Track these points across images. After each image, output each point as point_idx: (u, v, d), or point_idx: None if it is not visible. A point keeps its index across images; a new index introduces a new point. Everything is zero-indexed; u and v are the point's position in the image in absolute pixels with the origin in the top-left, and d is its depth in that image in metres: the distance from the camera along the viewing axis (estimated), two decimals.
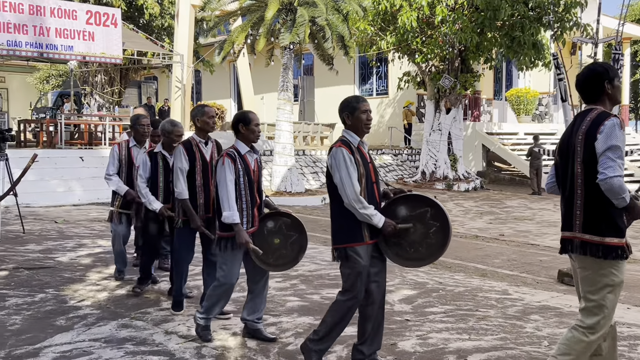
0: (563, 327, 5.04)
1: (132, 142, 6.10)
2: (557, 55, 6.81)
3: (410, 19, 15.41)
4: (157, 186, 5.47)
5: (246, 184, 4.28)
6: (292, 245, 4.36)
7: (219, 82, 28.31)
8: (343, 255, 3.77)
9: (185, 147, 4.90)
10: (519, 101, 22.36)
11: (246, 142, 4.37)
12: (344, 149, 3.75)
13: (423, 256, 3.87)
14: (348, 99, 3.93)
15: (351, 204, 3.66)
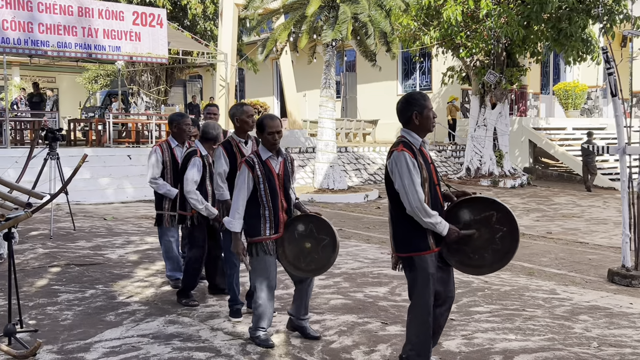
0: (613, 328, 4.91)
1: (174, 142, 5.92)
2: (606, 49, 6.62)
3: (454, 13, 15.19)
4: (206, 190, 5.34)
5: (267, 190, 4.19)
6: (323, 249, 4.21)
7: (262, 80, 28.52)
8: (408, 264, 3.64)
9: (225, 149, 4.85)
10: (567, 95, 21.82)
11: (267, 147, 4.29)
12: (407, 153, 3.55)
13: (488, 263, 3.70)
14: (414, 95, 3.71)
15: (414, 212, 3.49)
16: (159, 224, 5.94)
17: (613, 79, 6.54)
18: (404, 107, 3.68)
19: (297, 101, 22.34)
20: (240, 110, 4.93)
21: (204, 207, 5.17)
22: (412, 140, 3.65)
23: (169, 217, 5.83)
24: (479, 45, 15.82)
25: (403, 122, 3.71)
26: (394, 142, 3.70)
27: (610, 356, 4.29)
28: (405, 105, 3.68)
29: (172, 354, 4.25)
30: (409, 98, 3.71)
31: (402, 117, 3.70)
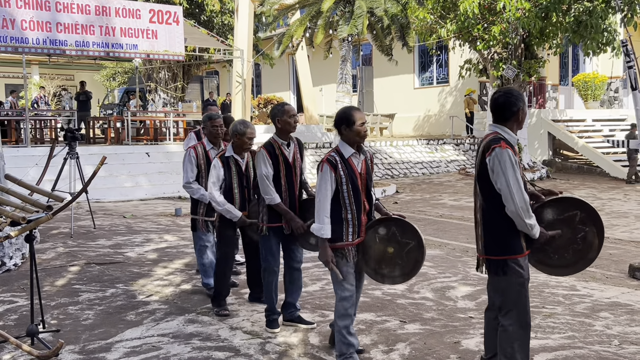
0: (634, 325, 4.86)
1: (209, 145, 5.66)
2: (626, 42, 6.52)
3: (471, 5, 15.06)
4: (232, 193, 5.10)
5: (350, 192, 3.84)
6: (408, 254, 3.90)
7: (278, 75, 28.54)
8: (501, 267, 3.44)
9: (267, 151, 4.59)
10: (586, 86, 21.55)
11: (350, 144, 3.90)
12: (510, 150, 3.35)
13: (568, 263, 3.62)
14: (516, 91, 3.52)
15: (518, 212, 3.31)
16: (194, 229, 5.76)
17: (633, 72, 6.44)
18: (510, 101, 3.45)
19: (314, 96, 22.31)
20: (281, 110, 4.64)
21: (224, 208, 5.00)
22: (509, 138, 3.44)
23: (204, 223, 5.64)
24: (497, 38, 15.67)
25: (503, 118, 3.48)
26: (489, 138, 3.45)
27: (632, 354, 4.24)
28: (511, 99, 3.45)
29: (192, 354, 4.29)
30: (513, 92, 3.49)
31: (505, 112, 3.46)
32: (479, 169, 3.47)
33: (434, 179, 16.96)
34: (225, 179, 5.06)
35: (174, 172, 14.13)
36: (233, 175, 5.09)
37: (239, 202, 5.10)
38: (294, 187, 4.66)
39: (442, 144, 20.14)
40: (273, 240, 4.70)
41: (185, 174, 5.60)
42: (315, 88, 23.42)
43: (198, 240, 5.74)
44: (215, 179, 5.02)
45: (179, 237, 8.78)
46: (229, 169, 5.07)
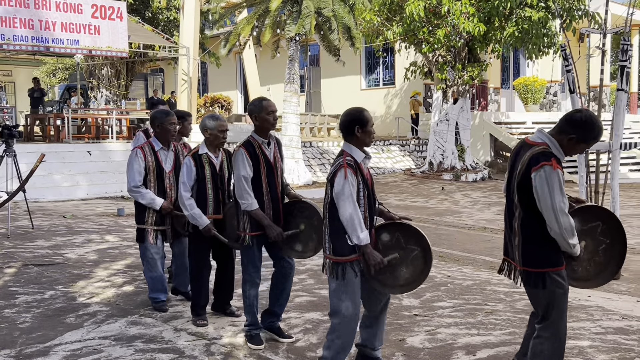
0: (572, 320, 5.02)
1: (158, 144, 5.11)
2: (565, 46, 6.75)
3: (417, 8, 15.31)
4: (206, 194, 4.66)
5: (366, 198, 3.58)
6: (413, 261, 3.65)
7: (225, 74, 28.28)
8: (540, 279, 3.32)
9: (247, 151, 4.20)
10: (526, 90, 22.23)
11: (360, 147, 3.63)
12: (560, 171, 3.20)
13: (590, 276, 3.54)
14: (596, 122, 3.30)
15: (563, 234, 3.20)
16: (141, 240, 5.15)
17: (571, 75, 6.67)
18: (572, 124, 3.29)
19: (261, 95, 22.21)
20: (259, 106, 4.26)
21: (191, 213, 4.58)
22: (559, 155, 3.30)
23: (154, 233, 5.09)
24: (441, 41, 15.98)
25: (559, 130, 3.33)
26: (538, 150, 3.27)
27: (570, 349, 4.38)
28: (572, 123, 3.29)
29: (135, 356, 4.18)
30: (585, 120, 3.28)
31: (561, 125, 3.33)
32: (522, 180, 3.30)
33: (380, 179, 17.13)
34: (198, 179, 4.63)
35: (117, 171, 13.82)
36: (207, 175, 4.65)
37: (213, 205, 4.68)
38: (276, 189, 4.31)
39: (389, 145, 20.39)
40: (256, 250, 4.34)
41: (131, 177, 5.01)
42: (263, 87, 23.33)
43: (145, 252, 5.14)
44: (186, 178, 4.60)
45: (121, 238, 8.58)
46: (202, 168, 4.63)
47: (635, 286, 6.25)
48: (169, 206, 5.04)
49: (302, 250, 4.38)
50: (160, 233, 5.13)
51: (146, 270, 5.24)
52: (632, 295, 5.91)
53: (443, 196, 14.02)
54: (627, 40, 6.30)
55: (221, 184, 4.72)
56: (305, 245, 4.35)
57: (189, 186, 4.61)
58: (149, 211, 5.07)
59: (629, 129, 21.25)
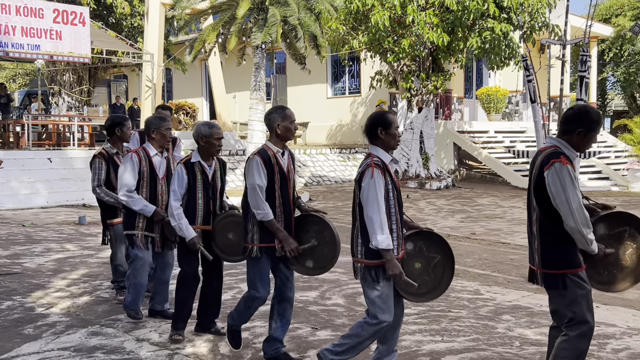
0: (534, 326, 5.10)
1: (152, 150, 4.98)
2: (526, 57, 6.89)
3: (382, 18, 15.44)
4: (196, 205, 4.52)
5: (396, 199, 3.55)
6: (435, 269, 3.67)
7: (190, 80, 28.05)
8: (560, 281, 3.36)
9: (263, 159, 4.03)
10: (489, 99, 22.60)
11: (386, 149, 3.62)
12: (570, 167, 3.29)
13: (615, 280, 3.57)
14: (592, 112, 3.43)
15: (578, 228, 3.25)
16: (132, 246, 5.00)
17: (532, 85, 6.81)
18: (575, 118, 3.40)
19: (227, 103, 22.11)
20: (283, 114, 4.10)
21: (178, 224, 4.43)
22: (569, 153, 3.39)
23: (143, 238, 4.96)
24: (406, 51, 16.15)
25: (566, 131, 3.43)
26: (547, 152, 3.39)
27: (532, 355, 4.45)
28: (576, 117, 3.41)
29: None
30: (590, 111, 3.43)
31: (567, 126, 3.42)
32: (537, 182, 3.39)
33: (346, 187, 17.19)
34: (189, 188, 4.48)
35: (78, 178, 13.56)
36: (198, 185, 4.50)
37: (203, 215, 4.53)
38: (289, 201, 4.12)
39: (354, 153, 20.48)
40: (265, 263, 4.11)
41: (126, 182, 4.87)
42: (229, 95, 23.19)
43: (135, 258, 4.98)
44: (177, 187, 4.45)
45: (82, 247, 8.41)
46: (194, 177, 4.48)
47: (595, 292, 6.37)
48: (161, 213, 4.91)
49: (312, 267, 4.18)
50: (150, 240, 4.99)
51: (131, 276, 5.04)
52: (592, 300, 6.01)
53: (408, 204, 14.13)
54: (585, 52, 6.46)
55: (212, 194, 4.57)
56: (316, 262, 4.16)
57: (180, 195, 4.47)
58: (140, 217, 4.93)
59: None
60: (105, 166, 5.40)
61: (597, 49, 27.62)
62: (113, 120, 5.55)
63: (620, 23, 28.77)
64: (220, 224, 4.56)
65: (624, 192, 17.08)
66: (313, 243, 4.12)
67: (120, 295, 5.63)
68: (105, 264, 7.20)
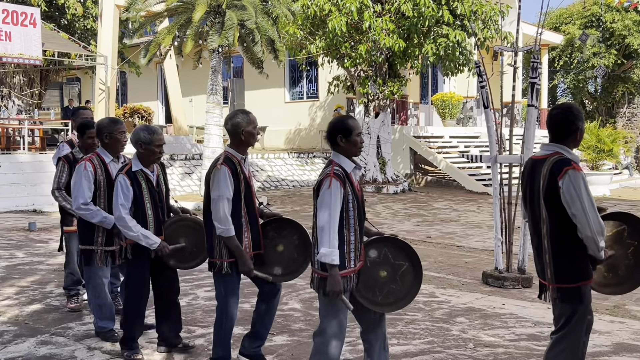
0: (487, 328, 5.19)
1: (108, 156, 4.67)
2: (479, 63, 7.02)
3: (339, 23, 15.53)
4: (145, 214, 4.24)
5: (356, 210, 3.42)
6: (402, 277, 3.55)
7: (145, 83, 27.64)
8: (575, 294, 3.27)
9: (230, 169, 3.84)
10: (444, 105, 22.96)
11: (348, 157, 3.49)
12: (582, 173, 3.21)
13: (622, 280, 3.53)
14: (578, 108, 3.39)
15: (594, 237, 3.17)
16: (88, 263, 4.69)
17: (485, 92, 6.94)
18: (569, 119, 3.33)
19: (183, 106, 21.86)
20: (247, 119, 3.93)
21: (139, 234, 4.15)
22: (574, 158, 3.28)
23: (103, 254, 4.67)
24: (363, 56, 16.27)
25: (560, 136, 3.35)
26: (554, 159, 3.28)
27: (485, 356, 4.52)
28: (570, 117, 3.33)
29: None
30: (573, 109, 3.37)
31: (563, 130, 3.34)
32: (547, 193, 3.27)
33: (304, 191, 17.19)
34: (136, 199, 4.20)
35: (28, 183, 13.19)
36: (144, 194, 4.22)
37: (154, 225, 4.28)
38: (254, 209, 3.98)
39: (312, 158, 20.51)
40: (235, 278, 3.94)
41: (81, 193, 4.52)
42: (185, 98, 22.95)
43: (93, 276, 4.68)
44: (123, 200, 4.15)
45: (32, 254, 8.16)
46: (138, 185, 4.21)
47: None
48: None
49: (283, 274, 4.06)
50: (110, 255, 4.69)
51: (92, 297, 4.72)
52: (543, 302, 6.14)
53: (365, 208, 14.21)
54: (536, 59, 6.62)
55: (160, 202, 4.34)
56: (285, 267, 4.05)
57: (128, 208, 4.16)
58: (98, 230, 4.63)
59: (539, 143, 22.35)
60: (68, 170, 5.17)
61: (548, 56, 28.39)
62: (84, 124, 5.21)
63: (570, 31, 29.64)
64: (169, 230, 4.36)
65: None
66: (277, 272, 4.03)
67: (70, 303, 5.49)
68: (56, 271, 7.02)
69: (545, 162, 3.31)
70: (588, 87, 33.09)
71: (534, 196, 3.39)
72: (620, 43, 28.72)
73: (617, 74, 30.09)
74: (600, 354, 4.57)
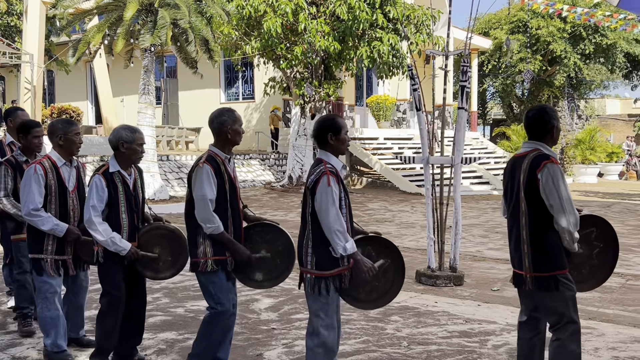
0: (420, 326, 5.29)
1: (60, 160, 4.36)
2: (411, 67, 7.16)
3: (274, 25, 15.51)
4: (119, 219, 4.02)
5: (347, 208, 3.49)
6: (385, 274, 3.59)
7: (74, 83, 26.75)
8: (553, 283, 3.43)
9: (213, 168, 3.74)
10: (378, 107, 23.29)
11: (336, 155, 3.53)
12: (559, 166, 3.39)
13: (584, 279, 3.68)
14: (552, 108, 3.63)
15: (569, 228, 3.36)
16: (39, 272, 4.32)
17: (418, 94, 7.08)
18: (544, 118, 3.53)
19: (114, 107, 21.30)
20: (232, 118, 3.85)
21: (109, 239, 3.92)
22: (553, 154, 3.48)
23: (54, 263, 4.32)
24: (298, 58, 16.31)
25: (538, 135, 3.55)
26: (533, 155, 3.48)
27: (419, 354, 4.61)
28: (545, 116, 3.53)
29: None
30: (547, 109, 3.57)
31: (540, 129, 3.55)
32: (527, 186, 3.45)
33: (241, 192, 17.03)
34: (110, 201, 3.98)
35: None
36: (120, 197, 4.01)
37: (128, 231, 4.04)
38: (238, 211, 3.88)
39: (249, 159, 20.37)
40: (222, 276, 3.78)
41: (31, 199, 4.18)
42: (116, 98, 22.37)
43: (43, 287, 4.32)
44: (96, 202, 3.92)
45: None
46: (115, 189, 3.99)
47: (477, 291, 6.72)
48: (75, 232, 4.30)
49: (262, 280, 3.96)
50: (61, 264, 4.35)
51: (42, 310, 4.32)
52: (474, 299, 6.34)
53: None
54: (466, 62, 6.81)
55: (135, 207, 4.11)
56: (267, 274, 3.95)
57: (100, 211, 3.94)
58: (49, 238, 4.28)
59: (470, 145, 23.00)
60: (12, 174, 4.78)
61: (478, 60, 29.26)
62: (28, 123, 4.90)
63: (498, 36, 30.66)
64: (143, 238, 4.11)
65: None
66: (265, 254, 3.92)
67: (24, 326, 4.95)
68: None
69: (525, 157, 3.51)
70: (515, 91, 34.32)
71: (514, 190, 3.56)
72: (545, 49, 29.94)
73: (542, 78, 31.35)
74: None
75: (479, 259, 8.56)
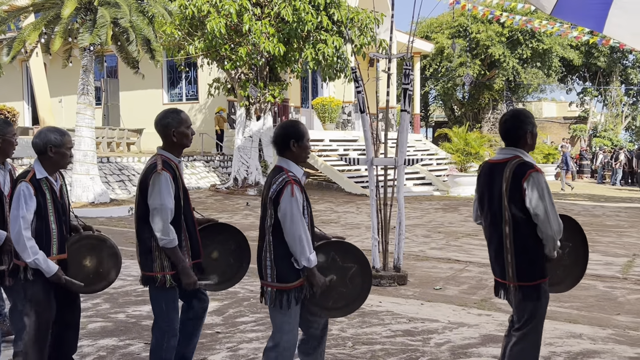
0: (365, 326, 5.34)
1: None
2: (355, 69, 7.22)
3: (218, 25, 15.37)
4: (49, 230, 3.61)
5: (309, 216, 3.37)
6: (352, 280, 3.51)
7: (9, 82, 25.77)
8: (535, 292, 3.41)
9: (171, 175, 3.52)
10: (324, 109, 23.39)
11: (297, 163, 3.44)
12: (543, 175, 3.36)
13: (560, 280, 3.69)
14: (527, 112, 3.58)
15: (554, 236, 3.34)
16: None
17: (362, 97, 7.15)
18: (516, 124, 3.47)
19: (51, 107, 20.64)
20: (178, 119, 3.66)
21: (35, 260, 3.49)
22: (532, 161, 3.42)
23: None
24: (243, 59, 16.21)
25: (514, 140, 3.48)
26: (515, 162, 3.39)
27: (363, 354, 4.64)
28: (516, 122, 3.48)
29: None
30: (521, 114, 3.52)
31: (513, 134, 3.47)
32: (511, 195, 3.37)
33: None
34: (39, 211, 3.58)
35: None
36: (49, 205, 3.61)
37: (57, 242, 3.65)
38: (192, 217, 3.68)
39: (193, 161, 20.10)
40: (176, 292, 3.59)
41: None
42: (54, 99, 21.69)
43: None
44: (26, 211, 3.51)
45: None
46: (43, 196, 3.59)
47: (420, 290, 6.83)
48: None
49: (219, 282, 3.85)
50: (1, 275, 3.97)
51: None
52: (418, 298, 6.44)
53: (248, 211, 14.15)
54: (408, 66, 6.92)
55: (64, 215, 3.75)
56: (221, 275, 3.84)
57: (29, 222, 3.52)
58: None
59: (412, 147, 23.37)
60: None
61: (420, 64, 29.80)
62: None
63: (439, 40, 31.31)
64: (72, 249, 3.77)
65: (445, 196, 18.56)
66: (209, 282, 3.79)
67: None
68: None
69: (505, 165, 3.42)
70: (456, 94, 35.13)
71: (493, 198, 3.48)
72: (484, 53, 30.77)
73: (482, 81, 32.20)
74: (469, 345, 4.85)
75: (422, 259, 8.70)
